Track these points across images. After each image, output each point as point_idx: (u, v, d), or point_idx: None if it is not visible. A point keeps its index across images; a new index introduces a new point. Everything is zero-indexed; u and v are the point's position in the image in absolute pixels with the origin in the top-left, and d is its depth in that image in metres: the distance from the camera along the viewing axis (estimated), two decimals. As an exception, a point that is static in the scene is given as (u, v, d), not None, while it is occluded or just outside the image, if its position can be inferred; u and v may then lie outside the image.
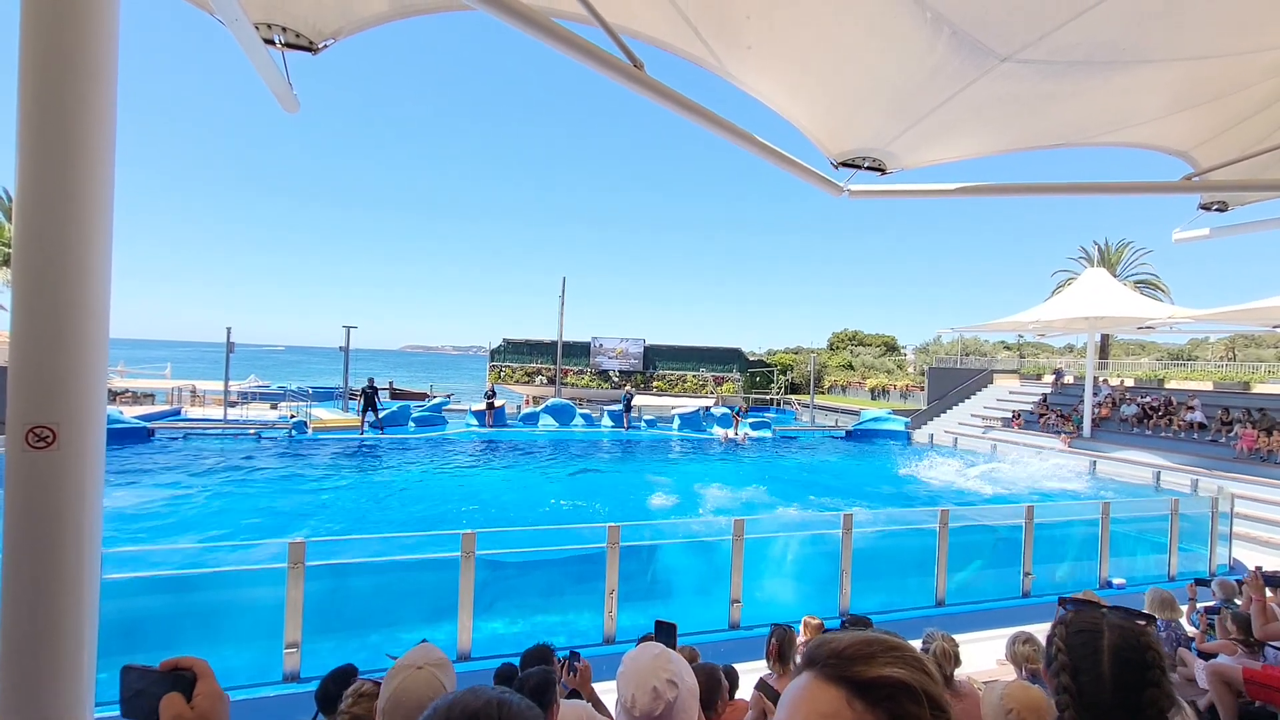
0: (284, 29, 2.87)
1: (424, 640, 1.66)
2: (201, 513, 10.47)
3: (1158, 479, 13.28)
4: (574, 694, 2.89)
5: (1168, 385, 22.07)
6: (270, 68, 2.95)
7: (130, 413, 18.62)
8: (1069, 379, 25.11)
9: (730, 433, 21.69)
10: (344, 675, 2.80)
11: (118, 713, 1.05)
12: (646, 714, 1.47)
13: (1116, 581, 8.18)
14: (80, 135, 1.95)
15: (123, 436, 15.57)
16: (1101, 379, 23.77)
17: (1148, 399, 19.77)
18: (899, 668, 0.68)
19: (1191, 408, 17.89)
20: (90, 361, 2.00)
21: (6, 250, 21.32)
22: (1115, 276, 26.67)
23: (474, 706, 0.85)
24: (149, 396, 24.42)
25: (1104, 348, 31.63)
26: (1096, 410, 20.07)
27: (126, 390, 24.38)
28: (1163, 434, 17.94)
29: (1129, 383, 23.62)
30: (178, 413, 20.97)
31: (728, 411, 23.21)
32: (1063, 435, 19.67)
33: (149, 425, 16.81)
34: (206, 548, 6.77)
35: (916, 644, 3.28)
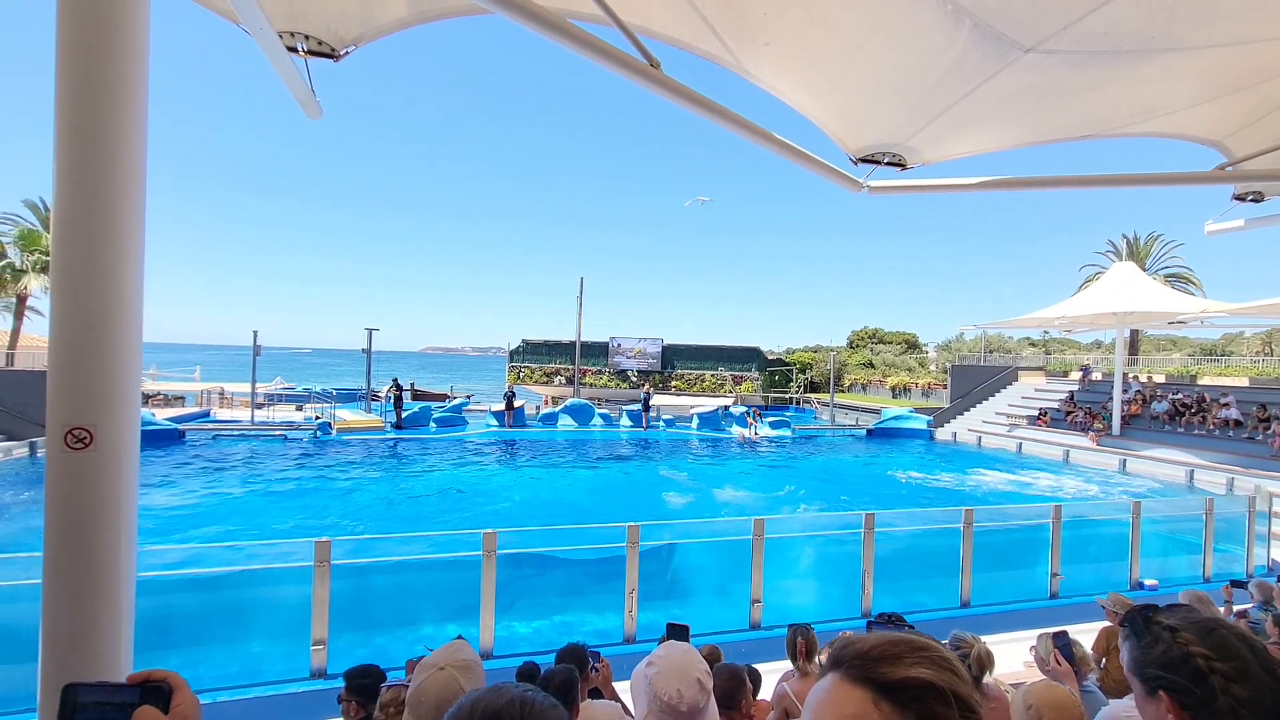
0: (306, 37, 2.93)
1: (459, 636, 1.68)
2: (230, 512, 10.72)
3: (1191, 478, 12.89)
4: (594, 693, 2.90)
5: (1200, 381, 21.44)
6: (294, 75, 3.01)
7: (162, 415, 19.14)
8: (1097, 375, 24.50)
9: (747, 432, 21.59)
10: (365, 673, 2.84)
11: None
12: (693, 706, 1.51)
13: (1149, 583, 7.96)
14: (114, 147, 2.01)
15: (155, 438, 16.00)
16: (1131, 375, 23.13)
17: (1179, 396, 19.21)
18: (926, 668, 0.67)
19: (1226, 404, 17.34)
20: (125, 365, 2.06)
21: (45, 258, 22.01)
22: (1145, 270, 25.97)
23: (496, 705, 0.85)
24: (180, 399, 25.06)
25: (1133, 343, 30.81)
26: (1126, 407, 19.55)
27: (159, 393, 25.04)
28: (1196, 431, 17.42)
29: (1160, 379, 22.96)
30: (207, 414, 21.48)
31: (745, 411, 23.10)
32: (1091, 433, 19.22)
33: (180, 427, 17.26)
34: (235, 546, 6.91)
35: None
